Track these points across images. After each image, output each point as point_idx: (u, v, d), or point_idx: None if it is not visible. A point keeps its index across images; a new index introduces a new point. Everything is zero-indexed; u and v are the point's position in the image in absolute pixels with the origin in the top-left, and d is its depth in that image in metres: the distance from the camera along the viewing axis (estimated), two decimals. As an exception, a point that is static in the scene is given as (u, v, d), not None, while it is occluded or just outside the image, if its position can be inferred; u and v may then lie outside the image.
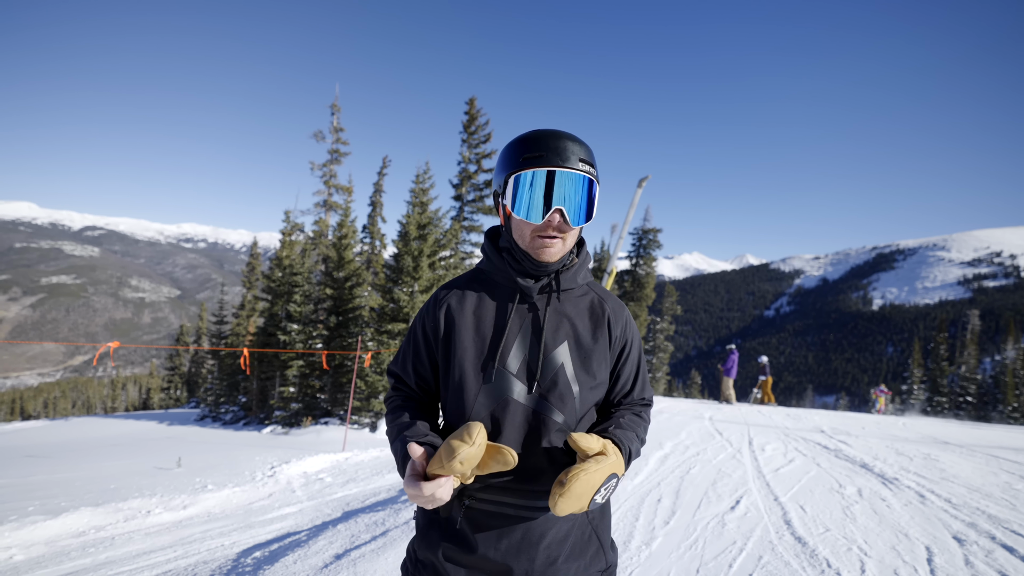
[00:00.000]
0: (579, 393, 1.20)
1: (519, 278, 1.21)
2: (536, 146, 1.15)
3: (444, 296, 1.27)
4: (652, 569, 3.15)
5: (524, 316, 1.21)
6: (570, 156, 1.14)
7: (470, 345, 1.19)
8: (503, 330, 1.20)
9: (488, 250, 1.29)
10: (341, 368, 15.85)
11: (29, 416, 59.31)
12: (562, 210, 1.14)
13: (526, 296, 1.22)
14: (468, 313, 1.22)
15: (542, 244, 1.17)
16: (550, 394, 1.18)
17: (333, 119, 20.87)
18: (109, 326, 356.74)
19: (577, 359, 1.21)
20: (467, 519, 1.14)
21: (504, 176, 1.18)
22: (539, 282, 1.22)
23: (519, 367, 1.18)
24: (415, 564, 1.23)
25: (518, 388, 1.17)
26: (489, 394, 1.16)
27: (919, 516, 4.31)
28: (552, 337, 1.21)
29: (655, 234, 28.28)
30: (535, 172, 1.13)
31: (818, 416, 12.58)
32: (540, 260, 1.19)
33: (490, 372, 1.17)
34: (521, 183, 1.15)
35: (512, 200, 1.16)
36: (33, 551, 4.09)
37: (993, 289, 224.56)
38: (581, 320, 1.25)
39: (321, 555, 3.57)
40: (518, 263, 1.22)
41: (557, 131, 1.18)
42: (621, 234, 15.97)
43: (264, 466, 7.85)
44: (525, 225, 1.17)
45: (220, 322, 31.76)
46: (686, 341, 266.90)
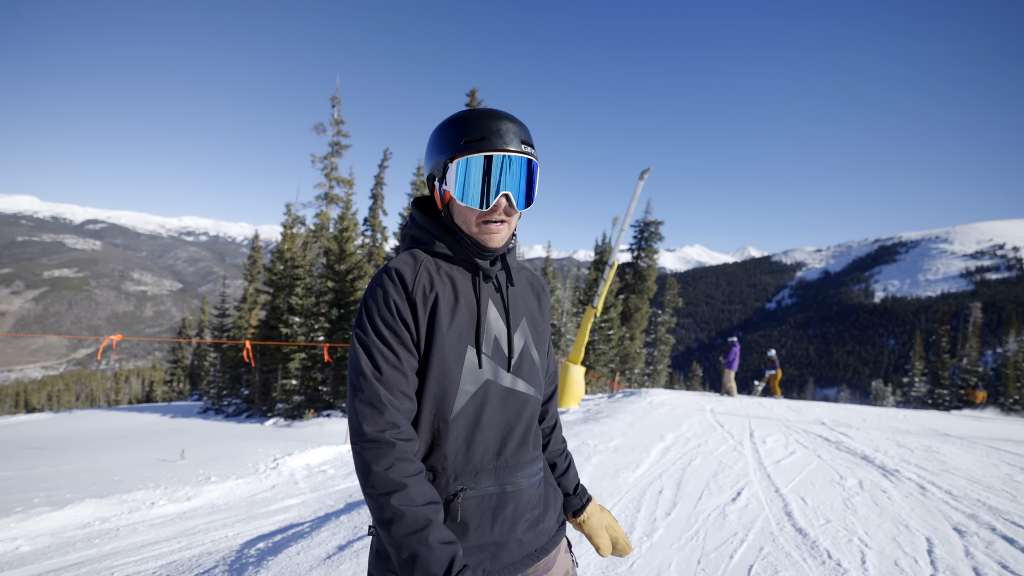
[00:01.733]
0: (540, 365, 1.27)
1: (477, 259, 1.17)
2: (477, 128, 1.10)
3: (413, 278, 1.12)
4: (654, 560, 3.16)
5: (489, 297, 1.20)
6: (512, 138, 1.11)
7: (446, 331, 1.12)
8: (473, 311, 1.17)
9: (433, 228, 1.20)
10: (343, 361, 15.89)
11: (33, 409, 59.68)
12: (508, 195, 1.11)
13: (487, 277, 1.20)
14: (444, 296, 1.14)
15: (488, 230, 1.13)
16: (521, 371, 1.20)
17: (334, 111, 20.78)
18: (112, 319, 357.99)
19: (533, 334, 1.26)
20: (465, 510, 1.13)
21: (443, 159, 1.13)
22: (493, 264, 1.21)
23: (492, 348, 1.17)
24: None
25: (496, 370, 1.16)
26: (469, 379, 1.13)
27: (920, 508, 4.32)
28: (515, 316, 1.23)
29: (657, 226, 28.23)
30: (479, 157, 1.10)
31: (819, 408, 12.59)
32: (487, 246, 1.15)
33: (470, 356, 1.14)
34: (464, 168, 1.10)
35: (455, 185, 1.12)
36: (39, 542, 4.13)
37: (995, 281, 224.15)
38: (528, 297, 1.30)
39: (324, 546, 3.59)
40: (468, 246, 1.17)
41: (496, 111, 1.14)
42: (623, 227, 15.89)
43: (267, 458, 7.89)
44: (469, 211, 1.13)
45: (222, 315, 31.84)
46: (687, 334, 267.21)
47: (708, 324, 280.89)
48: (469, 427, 1.12)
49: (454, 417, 1.11)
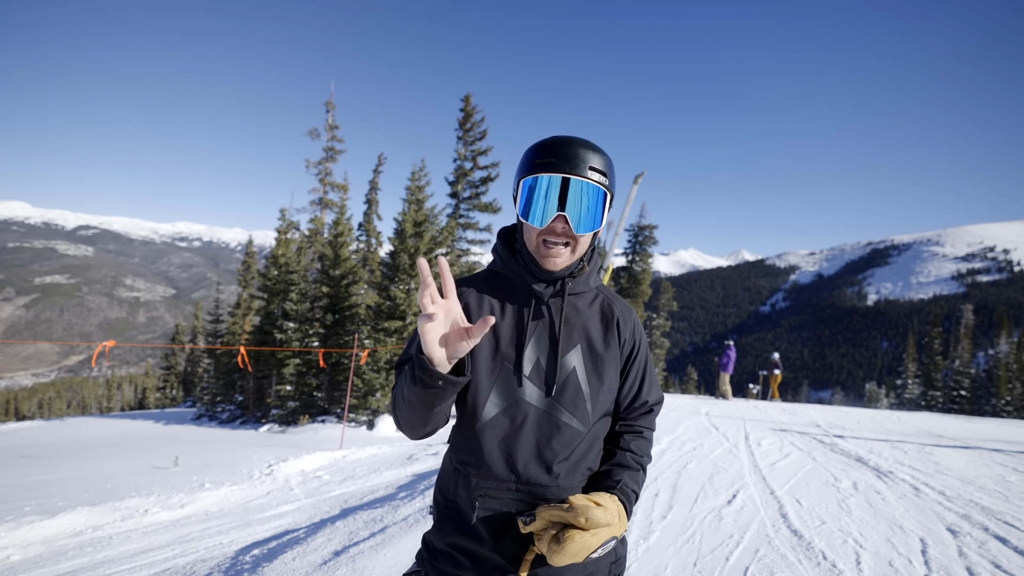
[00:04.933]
0: (591, 396, 1.21)
1: (533, 283, 1.22)
2: (548, 152, 1.15)
3: (463, 293, 1.26)
4: (650, 563, 3.17)
5: (538, 320, 1.23)
6: (579, 164, 1.14)
7: (485, 345, 1.19)
8: (518, 332, 1.21)
9: (501, 251, 1.30)
10: (338, 366, 15.83)
11: (24, 416, 59.00)
12: (566, 217, 1.14)
13: (540, 300, 1.23)
14: (485, 312, 1.23)
15: (548, 252, 1.18)
16: (563, 398, 1.19)
17: (328, 116, 20.77)
18: (104, 326, 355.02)
19: (589, 363, 1.23)
20: (481, 515, 1.15)
21: (517, 180, 1.21)
22: (550, 287, 1.23)
23: (532, 370, 1.19)
24: (431, 552, 1.24)
25: (531, 391, 1.18)
26: (501, 394, 1.17)
27: (914, 508, 4.35)
28: (565, 341, 1.22)
29: (651, 230, 28.31)
30: (543, 177, 1.15)
31: (813, 411, 12.64)
32: (545, 268, 1.20)
33: (505, 373, 1.18)
34: (528, 187, 1.17)
35: (520, 204, 1.19)
36: (30, 551, 4.08)
37: (987, 283, 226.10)
38: (592, 324, 1.27)
39: (320, 552, 3.57)
40: (528, 267, 1.23)
41: (573, 138, 1.18)
42: (617, 231, 15.98)
43: (261, 464, 7.84)
44: (531, 229, 1.19)
45: (216, 321, 31.64)
46: (682, 337, 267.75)
47: (703, 328, 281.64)
48: (496, 439, 1.16)
49: (481, 426, 1.17)
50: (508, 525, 1.16)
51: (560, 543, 1.02)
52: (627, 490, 1.19)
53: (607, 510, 1.07)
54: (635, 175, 17.54)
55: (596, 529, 1.04)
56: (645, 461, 1.29)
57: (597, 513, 1.05)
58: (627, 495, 1.18)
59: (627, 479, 1.20)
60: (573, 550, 1.02)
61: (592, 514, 1.04)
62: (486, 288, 1.28)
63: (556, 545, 1.03)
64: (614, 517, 1.08)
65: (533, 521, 1.08)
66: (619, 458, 1.25)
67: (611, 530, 1.07)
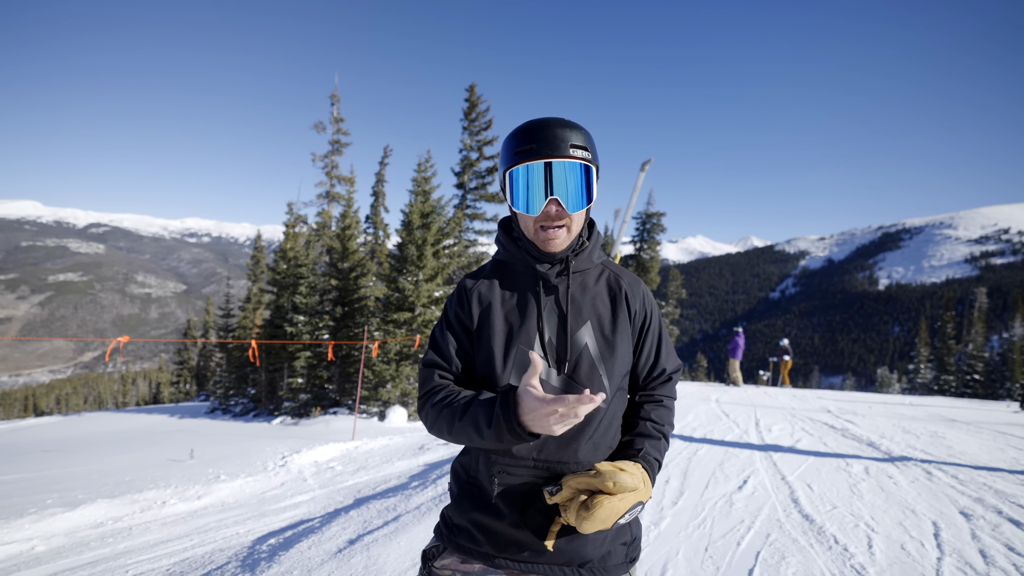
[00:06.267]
0: (606, 372, 1.22)
1: (536, 264, 1.24)
2: (528, 138, 1.17)
3: (473, 285, 1.30)
4: (662, 548, 3.19)
5: (547, 300, 1.25)
6: (560, 144, 1.15)
7: (500, 330, 1.22)
8: (528, 314, 1.24)
9: (504, 240, 1.32)
10: (348, 358, 15.95)
11: (42, 412, 60.12)
12: (558, 200, 1.16)
13: (546, 281, 1.25)
14: (497, 300, 1.26)
15: (546, 236, 1.20)
16: (578, 375, 1.20)
17: (333, 109, 20.77)
18: (117, 322, 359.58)
19: (601, 339, 1.24)
20: (500, 492, 1.17)
21: (502, 172, 1.23)
22: (554, 267, 1.25)
23: (546, 349, 1.21)
24: (448, 527, 1.27)
25: (546, 370, 1.20)
26: (518, 375, 1.19)
27: (926, 492, 4.33)
28: (575, 319, 1.24)
29: (659, 218, 28.13)
30: (528, 166, 1.17)
31: (824, 397, 12.59)
32: (546, 251, 1.23)
33: (520, 355, 1.20)
34: (516, 178, 1.19)
35: (510, 195, 1.21)
36: (54, 542, 4.18)
37: (1001, 266, 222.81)
38: (601, 300, 1.28)
39: (335, 540, 3.63)
40: (530, 252, 1.26)
41: (549, 119, 1.18)
42: (624, 219, 15.89)
43: (275, 456, 7.95)
44: (527, 217, 1.22)
45: (227, 315, 31.95)
46: (692, 325, 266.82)
47: (712, 315, 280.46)
48: None
49: None
50: (529, 502, 1.17)
51: (589, 509, 1.03)
52: (649, 458, 1.20)
53: (632, 475, 1.08)
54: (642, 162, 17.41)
55: (623, 494, 1.05)
56: (667, 430, 1.30)
57: (624, 477, 1.05)
58: (650, 463, 1.19)
59: (648, 447, 1.22)
60: (602, 515, 1.03)
61: (619, 478, 1.05)
62: (494, 277, 1.31)
63: (585, 511, 1.04)
64: (639, 482, 1.09)
65: (560, 491, 1.10)
66: (640, 428, 1.26)
67: (637, 495, 1.08)
